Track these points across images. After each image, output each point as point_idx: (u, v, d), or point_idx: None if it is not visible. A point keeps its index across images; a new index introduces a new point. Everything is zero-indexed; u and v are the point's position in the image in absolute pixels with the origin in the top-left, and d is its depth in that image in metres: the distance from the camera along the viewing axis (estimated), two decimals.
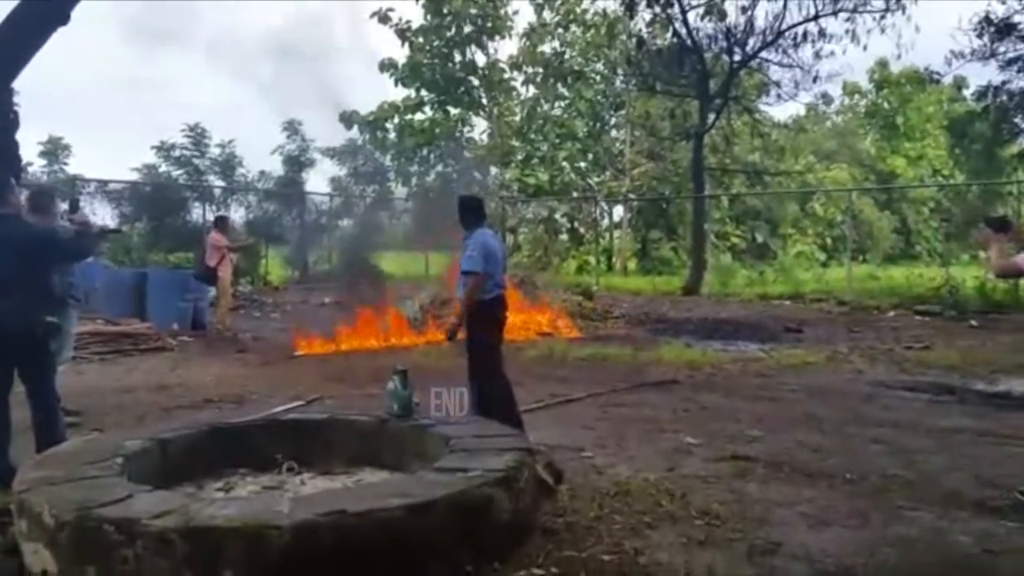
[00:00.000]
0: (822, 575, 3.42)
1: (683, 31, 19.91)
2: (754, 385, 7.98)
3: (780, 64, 20.91)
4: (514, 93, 30.70)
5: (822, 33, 19.75)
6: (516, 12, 28.92)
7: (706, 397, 7.30)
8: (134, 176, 20.90)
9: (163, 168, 21.32)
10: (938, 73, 20.36)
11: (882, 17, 19.04)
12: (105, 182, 18.70)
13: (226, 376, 8.54)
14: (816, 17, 19.36)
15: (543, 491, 4.10)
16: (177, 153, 21.24)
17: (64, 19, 11.13)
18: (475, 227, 5.64)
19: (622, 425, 6.13)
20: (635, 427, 6.07)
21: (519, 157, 28.51)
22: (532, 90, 30.15)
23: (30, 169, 18.44)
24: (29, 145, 21.41)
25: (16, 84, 11.38)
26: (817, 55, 20.16)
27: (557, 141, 28.78)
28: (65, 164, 22.30)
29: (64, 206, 9.45)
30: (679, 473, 4.80)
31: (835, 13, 19.33)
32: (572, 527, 3.82)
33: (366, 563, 3.03)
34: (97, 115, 57.11)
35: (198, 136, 21.54)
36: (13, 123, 11.34)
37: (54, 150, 22.21)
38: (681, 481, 4.62)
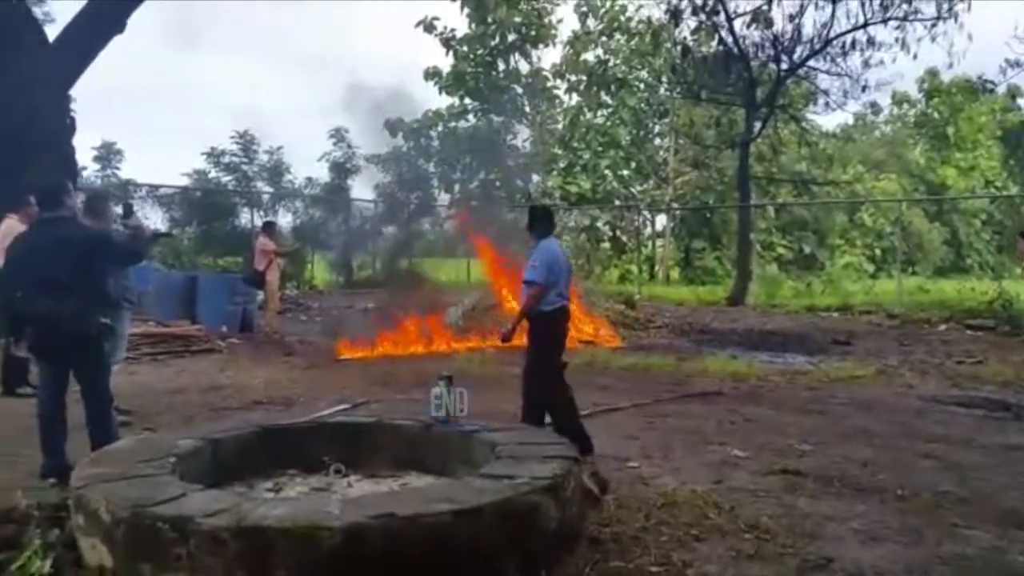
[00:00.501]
0: None
1: (729, 39, 19.75)
2: (802, 398, 7.85)
3: (828, 72, 20.65)
4: (557, 101, 30.73)
5: (871, 41, 19.45)
6: (560, 20, 29.01)
7: (752, 409, 7.19)
8: (184, 181, 21.38)
9: (212, 174, 21.75)
10: (992, 82, 19.94)
11: (933, 25, 18.66)
12: (156, 187, 19.14)
13: (274, 378, 8.67)
14: (865, 25, 19.06)
15: (589, 500, 4.07)
16: (226, 159, 21.66)
17: (121, 28, 11.55)
18: (543, 237, 5.64)
19: (668, 436, 6.07)
20: (681, 438, 6.01)
21: (561, 165, 28.50)
22: (575, 98, 30.17)
23: (84, 173, 18.89)
24: (83, 150, 21.94)
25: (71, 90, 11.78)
26: (866, 64, 19.85)
27: (600, 149, 28.71)
28: (117, 169, 22.86)
29: (118, 210, 9.68)
30: (727, 486, 4.74)
31: (884, 21, 19.01)
32: (618, 537, 3.78)
33: (413, 567, 3.03)
34: (148, 120, 58.41)
35: (247, 143, 21.95)
36: (70, 128, 11.78)
37: (107, 155, 22.76)
38: (729, 494, 4.55)
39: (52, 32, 11.74)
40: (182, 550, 3.01)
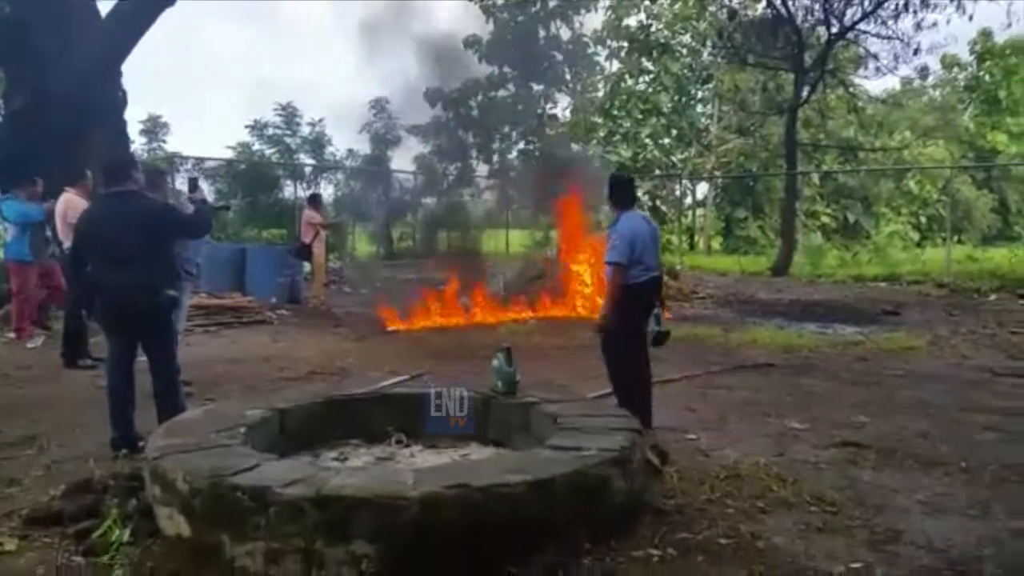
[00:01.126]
0: (948, 564, 3.32)
1: (778, 1, 19.27)
2: (855, 370, 7.76)
3: (878, 36, 20.06)
4: (598, 68, 30.28)
5: (924, 3, 18.81)
6: None
7: (806, 381, 7.14)
8: (229, 154, 21.58)
9: (256, 147, 21.94)
10: None
11: None
12: (202, 159, 19.37)
13: (325, 349, 8.79)
14: None
15: (651, 472, 4.09)
16: (270, 132, 21.81)
17: (171, 1, 11.63)
18: (624, 209, 5.41)
19: (724, 407, 6.06)
20: (737, 410, 5.99)
21: (601, 134, 28.17)
22: (616, 65, 29.71)
23: (132, 147, 19.16)
24: (131, 124, 22.20)
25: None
26: (918, 26, 19.23)
27: (640, 117, 28.30)
28: (163, 142, 23.17)
29: (181, 184, 9.86)
30: (788, 458, 4.72)
31: None
32: (683, 509, 3.80)
33: (488, 537, 3.08)
34: (192, 93, 58.97)
35: (289, 115, 22.06)
36: (122, 102, 11.96)
37: (153, 128, 23.07)
38: (791, 466, 4.54)
39: (104, 7, 11.88)
40: (261, 519, 3.08)
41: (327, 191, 21.71)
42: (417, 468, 3.64)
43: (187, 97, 55.88)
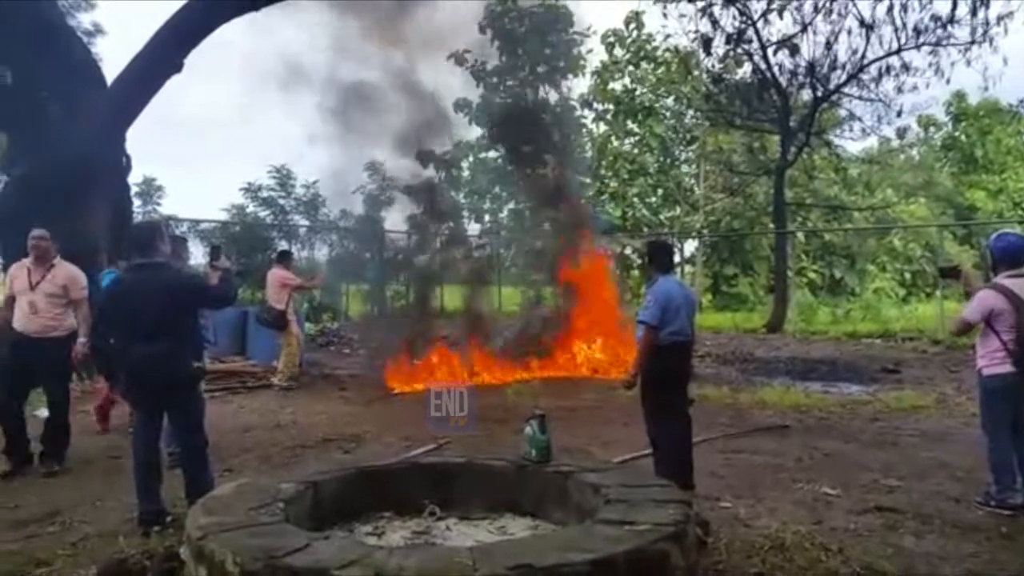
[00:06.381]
0: None
1: (763, 65, 19.80)
2: (871, 430, 7.77)
3: (861, 98, 20.65)
4: (584, 130, 30.78)
5: (905, 67, 19.42)
6: (590, 51, 29.17)
7: (826, 443, 7.12)
8: (223, 216, 21.63)
9: (250, 208, 21.99)
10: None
11: (967, 50, 18.62)
12: (197, 221, 19.36)
13: (335, 415, 8.69)
14: (899, 51, 19.04)
15: (699, 545, 4.03)
16: (264, 194, 21.91)
17: (178, 67, 11.77)
18: (661, 273, 5.65)
19: (750, 473, 6.02)
20: (764, 475, 5.96)
21: (589, 194, 28.50)
22: (602, 127, 30.24)
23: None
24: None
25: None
26: (899, 89, 19.83)
27: (627, 177, 28.76)
28: (158, 204, 23.16)
29: (195, 250, 9.74)
30: (827, 526, 4.69)
31: (918, 47, 18.99)
32: None
33: None
34: (186, 155, 59.00)
35: (284, 177, 22.19)
36: (126, 168, 11.99)
37: (148, 190, 23.08)
38: (832, 534, 4.50)
39: (109, 73, 11.98)
40: None
41: (322, 252, 21.77)
42: (471, 547, 3.56)
43: (179, 159, 55.85)
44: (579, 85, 29.87)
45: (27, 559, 4.20)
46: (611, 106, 29.38)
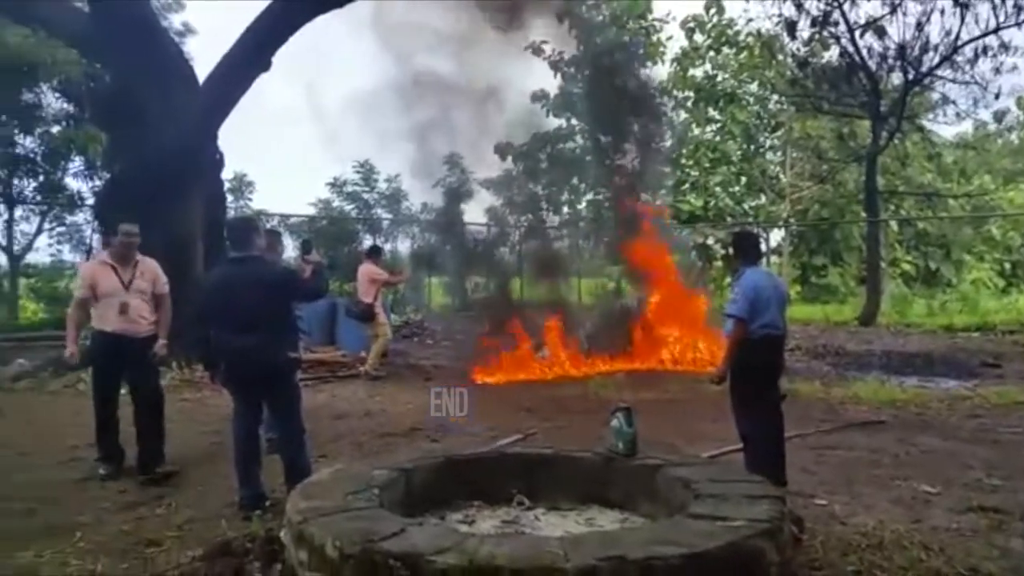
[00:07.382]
0: None
1: (851, 48, 19.13)
2: (970, 427, 7.47)
3: (955, 81, 19.74)
4: (664, 119, 30.31)
5: (1004, 46, 18.47)
6: (670, 38, 28.71)
7: (923, 439, 6.88)
8: (311, 211, 22.32)
9: (336, 203, 22.56)
10: None
11: None
12: (287, 216, 19.98)
13: (421, 404, 8.82)
14: (997, 29, 18.10)
15: (793, 541, 3.96)
16: (348, 188, 22.44)
17: (266, 66, 12.13)
18: (747, 265, 5.50)
19: (844, 469, 5.87)
20: (859, 471, 5.80)
21: (669, 183, 28.10)
22: (683, 115, 29.75)
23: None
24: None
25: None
26: (997, 70, 18.88)
27: (709, 166, 28.24)
28: (249, 200, 23.94)
29: (288, 244, 10.03)
30: (928, 525, 4.53)
31: (1019, 24, 18.01)
32: None
33: None
34: (275, 150, 60.73)
35: (367, 172, 22.68)
36: (219, 164, 12.43)
37: (239, 187, 23.85)
38: (933, 534, 4.35)
39: (200, 72, 12.43)
40: None
41: (404, 244, 22.17)
42: (561, 537, 3.59)
43: (266, 155, 57.36)
44: (658, 73, 29.46)
45: (138, 539, 4.43)
46: (691, 93, 28.86)
